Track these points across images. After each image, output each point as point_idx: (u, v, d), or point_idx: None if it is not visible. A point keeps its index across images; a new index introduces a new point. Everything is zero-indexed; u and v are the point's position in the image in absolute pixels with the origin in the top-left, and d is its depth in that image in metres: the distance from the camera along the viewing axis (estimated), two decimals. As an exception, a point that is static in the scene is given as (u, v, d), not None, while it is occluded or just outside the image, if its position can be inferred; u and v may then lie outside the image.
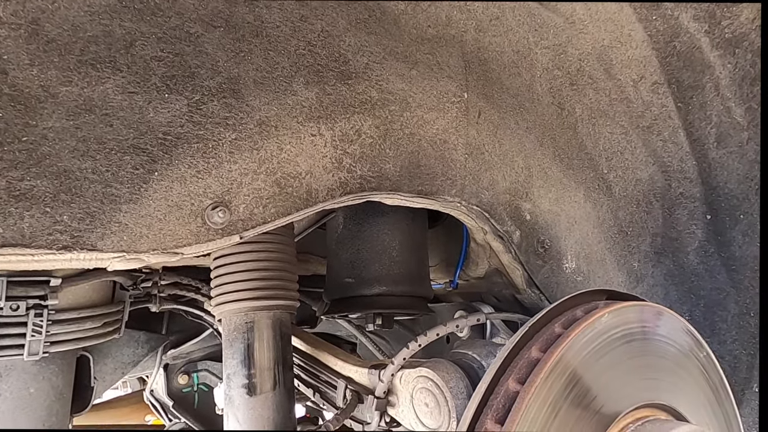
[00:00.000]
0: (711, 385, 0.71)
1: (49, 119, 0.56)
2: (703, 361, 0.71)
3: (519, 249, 1.08)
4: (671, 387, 0.65)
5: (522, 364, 0.55)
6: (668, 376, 0.66)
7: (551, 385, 0.53)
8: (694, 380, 0.69)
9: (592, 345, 0.58)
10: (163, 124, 0.63)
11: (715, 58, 1.06)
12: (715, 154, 1.15)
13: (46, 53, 0.56)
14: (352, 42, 0.80)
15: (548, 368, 0.52)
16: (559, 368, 0.54)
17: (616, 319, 0.62)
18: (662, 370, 0.65)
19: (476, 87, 0.96)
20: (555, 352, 0.54)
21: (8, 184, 0.54)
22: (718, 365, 0.73)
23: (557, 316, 0.62)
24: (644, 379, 0.64)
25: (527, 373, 0.53)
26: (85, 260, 0.60)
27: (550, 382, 0.53)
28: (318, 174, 0.77)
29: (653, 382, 0.64)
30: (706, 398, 0.70)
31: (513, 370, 0.55)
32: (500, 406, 0.54)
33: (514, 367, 0.56)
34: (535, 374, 0.52)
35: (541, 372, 0.52)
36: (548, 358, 0.53)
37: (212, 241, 0.68)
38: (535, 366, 0.53)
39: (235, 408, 0.86)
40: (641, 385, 0.64)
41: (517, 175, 1.04)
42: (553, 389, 0.53)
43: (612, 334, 0.61)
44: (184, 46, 0.65)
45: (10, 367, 0.79)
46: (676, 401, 0.65)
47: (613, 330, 0.61)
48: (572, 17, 1.01)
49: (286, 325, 0.93)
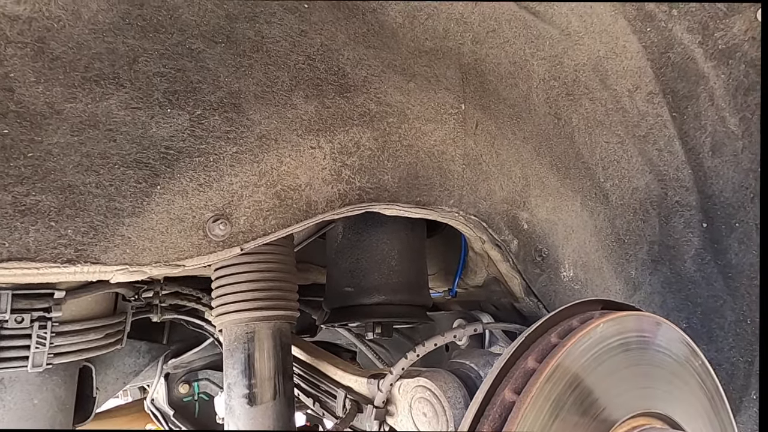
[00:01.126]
0: (707, 394, 0.72)
1: (54, 135, 0.58)
2: (699, 369, 0.72)
3: (517, 258, 1.09)
4: (667, 396, 0.66)
5: (518, 374, 0.56)
6: (664, 384, 0.67)
7: (547, 395, 0.54)
8: (689, 389, 0.70)
9: (588, 355, 0.59)
10: (166, 139, 0.64)
11: (709, 68, 1.08)
12: (710, 162, 1.16)
13: (52, 71, 0.58)
14: (351, 56, 0.81)
15: (544, 378, 0.53)
16: (555, 378, 0.55)
17: (611, 328, 0.62)
18: (658, 378, 0.66)
19: (473, 98, 0.98)
20: (550, 362, 0.55)
21: (14, 198, 0.55)
22: (714, 374, 0.74)
23: (553, 326, 0.63)
24: (640, 387, 0.65)
25: (523, 383, 0.54)
26: (89, 273, 0.61)
27: (546, 392, 0.53)
28: (317, 186, 0.78)
29: (649, 390, 0.65)
30: (702, 407, 0.71)
31: (509, 380, 0.56)
32: (497, 416, 0.55)
33: (510, 377, 0.56)
34: (531, 384, 0.53)
35: (536, 382, 0.53)
36: (544, 369, 0.54)
37: (213, 253, 0.69)
38: (531, 376, 0.54)
39: (235, 417, 0.86)
40: (637, 393, 0.64)
41: (515, 185, 1.05)
42: (549, 399, 0.54)
43: (607, 343, 0.61)
44: (186, 62, 0.66)
45: (14, 378, 0.80)
46: (672, 410, 0.65)
47: (609, 339, 0.62)
48: (568, 29, 1.02)
49: (286, 335, 0.93)
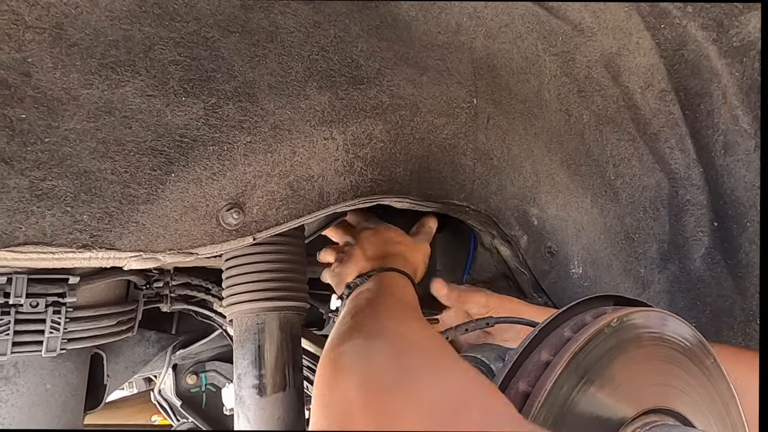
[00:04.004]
0: (718, 392, 0.71)
1: (70, 121, 0.58)
2: (711, 367, 0.72)
3: (526, 254, 1.09)
4: (678, 393, 0.66)
5: (532, 367, 0.56)
6: (675, 381, 0.66)
7: (562, 388, 0.54)
8: (701, 386, 0.69)
9: (601, 349, 0.59)
10: (180, 127, 0.64)
11: (723, 66, 1.07)
12: (722, 161, 1.15)
13: (69, 57, 0.58)
14: (365, 48, 0.81)
15: (558, 371, 0.53)
16: (569, 371, 0.54)
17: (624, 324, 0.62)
18: (670, 375, 0.66)
19: (485, 93, 0.97)
20: (565, 356, 0.54)
21: (31, 183, 0.55)
22: (725, 372, 0.73)
23: (566, 321, 0.63)
24: (653, 384, 0.64)
25: (537, 375, 0.54)
26: (104, 259, 0.61)
27: (561, 385, 0.53)
28: (330, 177, 0.78)
29: (662, 387, 0.64)
30: (713, 404, 0.70)
31: (523, 374, 0.56)
32: (510, 408, 0.55)
33: (524, 370, 0.56)
34: (545, 377, 0.53)
35: (551, 375, 0.52)
36: (558, 362, 0.54)
37: (226, 242, 0.69)
38: (545, 368, 0.54)
39: (245, 408, 0.87)
40: (650, 390, 0.64)
41: (525, 181, 1.05)
42: (564, 392, 0.54)
43: (620, 339, 0.61)
44: (201, 51, 0.66)
45: (27, 363, 0.80)
46: (684, 407, 0.65)
47: (622, 335, 0.62)
48: (580, 25, 1.02)
49: (296, 326, 0.94)
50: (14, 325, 0.74)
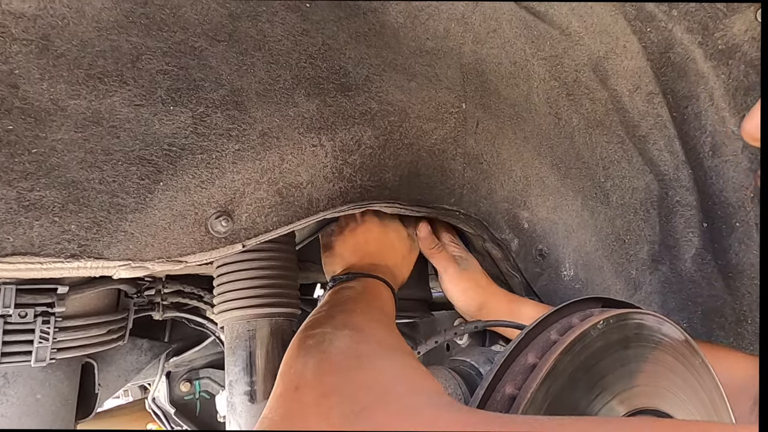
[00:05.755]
0: (706, 392, 0.72)
1: (58, 131, 0.58)
2: (699, 367, 0.72)
3: (517, 257, 1.10)
4: (666, 393, 0.66)
5: (518, 370, 0.56)
6: (663, 382, 0.67)
7: (548, 390, 0.54)
8: (689, 387, 0.70)
9: (588, 351, 0.59)
10: (168, 136, 0.65)
11: (709, 69, 1.08)
12: (710, 162, 1.16)
13: (56, 68, 0.58)
14: (353, 55, 0.82)
15: (544, 373, 0.53)
16: (555, 373, 0.55)
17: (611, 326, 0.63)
18: (657, 376, 0.66)
19: (474, 98, 0.98)
20: (550, 358, 0.55)
21: (18, 194, 0.56)
22: (714, 372, 0.74)
23: (553, 323, 0.64)
24: (640, 385, 0.65)
25: (524, 378, 0.54)
26: (92, 268, 0.61)
27: (547, 387, 0.54)
28: (319, 184, 0.79)
29: (648, 388, 0.65)
30: (701, 405, 0.71)
31: (510, 376, 0.56)
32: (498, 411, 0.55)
33: (510, 373, 0.57)
34: (531, 379, 0.53)
35: (537, 377, 0.53)
36: (543, 365, 0.54)
37: (215, 250, 0.69)
38: (532, 371, 0.54)
39: (237, 415, 0.87)
40: (637, 391, 0.64)
41: (515, 184, 1.06)
42: (550, 394, 0.54)
43: (607, 340, 0.62)
44: (189, 60, 0.67)
45: (17, 373, 0.80)
46: (671, 407, 0.66)
47: (608, 337, 0.62)
48: (568, 29, 1.03)
49: (287, 332, 0.94)
50: (3, 335, 0.74)
